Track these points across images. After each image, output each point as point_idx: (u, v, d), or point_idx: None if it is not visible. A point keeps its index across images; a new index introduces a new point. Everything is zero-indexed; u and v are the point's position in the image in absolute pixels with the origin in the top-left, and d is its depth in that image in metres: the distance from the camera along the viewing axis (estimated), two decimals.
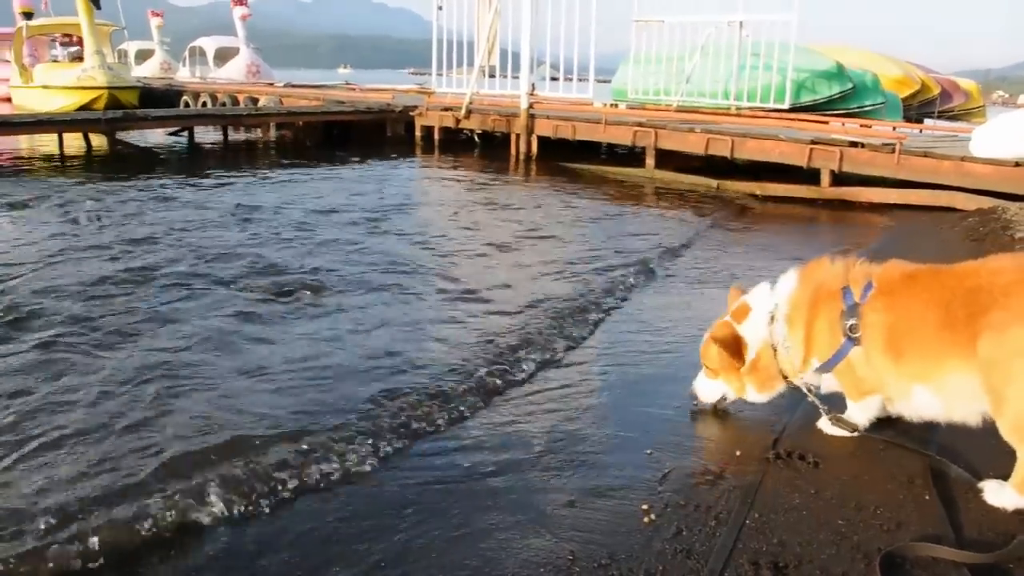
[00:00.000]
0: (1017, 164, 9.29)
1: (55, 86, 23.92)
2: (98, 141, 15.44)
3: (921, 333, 2.86)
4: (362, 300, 5.74)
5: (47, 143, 15.82)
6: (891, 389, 3.03)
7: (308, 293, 5.81)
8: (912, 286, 2.93)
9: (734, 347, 3.31)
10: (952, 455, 3.06)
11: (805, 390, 3.29)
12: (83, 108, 21.85)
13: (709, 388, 3.54)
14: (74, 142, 15.65)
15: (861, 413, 3.23)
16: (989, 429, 2.77)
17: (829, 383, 3.28)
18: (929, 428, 3.18)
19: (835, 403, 3.33)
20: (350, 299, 5.75)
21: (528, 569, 2.55)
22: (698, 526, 2.71)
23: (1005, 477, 2.76)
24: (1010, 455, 2.70)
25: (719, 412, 3.65)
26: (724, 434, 3.55)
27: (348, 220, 8.85)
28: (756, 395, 3.39)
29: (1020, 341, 2.57)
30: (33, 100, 24.81)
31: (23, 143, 16.25)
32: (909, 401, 2.99)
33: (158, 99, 25.74)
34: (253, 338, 4.81)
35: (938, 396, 2.87)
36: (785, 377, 3.32)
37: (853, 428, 3.24)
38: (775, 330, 3.25)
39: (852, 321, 3.00)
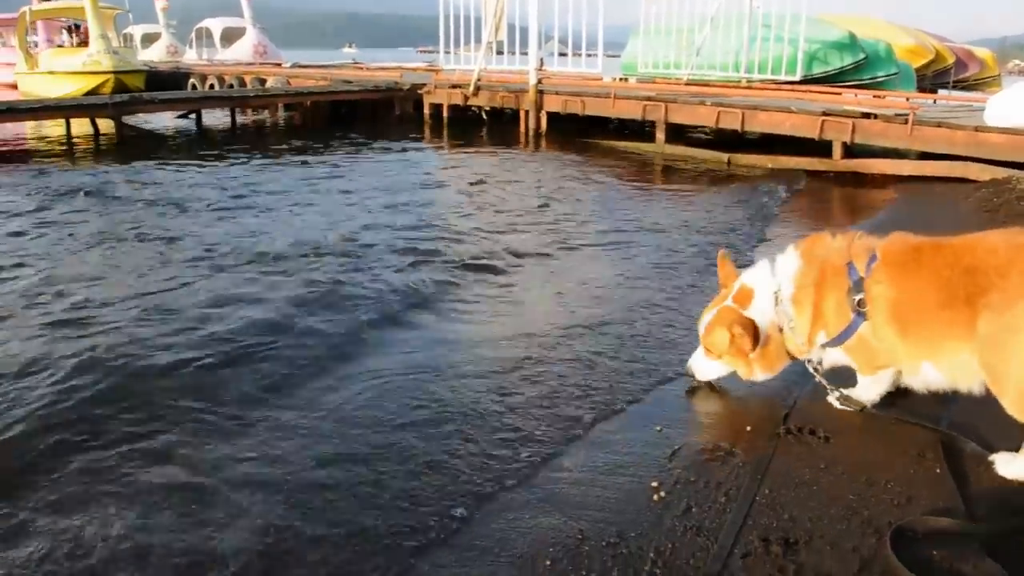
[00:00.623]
0: None
1: (61, 71, 23.92)
2: (105, 126, 15.42)
3: (924, 311, 2.86)
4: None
5: (54, 129, 15.88)
6: (900, 360, 3.03)
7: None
8: (914, 261, 2.91)
9: (753, 334, 3.21)
10: (963, 428, 3.04)
11: (811, 369, 3.29)
12: (90, 93, 21.83)
13: (707, 368, 3.51)
14: (81, 128, 15.65)
15: (873, 387, 3.21)
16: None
17: (833, 358, 3.26)
18: (940, 402, 3.16)
19: (840, 378, 3.31)
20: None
21: (538, 547, 2.53)
22: (708, 503, 2.70)
23: (1017, 449, 2.74)
24: (1020, 427, 2.68)
25: (718, 388, 3.62)
26: (734, 410, 3.52)
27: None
28: (761, 375, 3.36)
29: (1016, 323, 2.57)
30: (39, 86, 24.82)
31: (28, 129, 16.27)
32: (918, 375, 3.00)
33: (165, 82, 25.70)
34: None
35: (943, 372, 2.89)
36: (791, 356, 3.32)
37: (861, 406, 3.22)
38: (781, 311, 3.20)
39: (860, 296, 2.97)
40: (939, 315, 2.80)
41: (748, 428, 3.25)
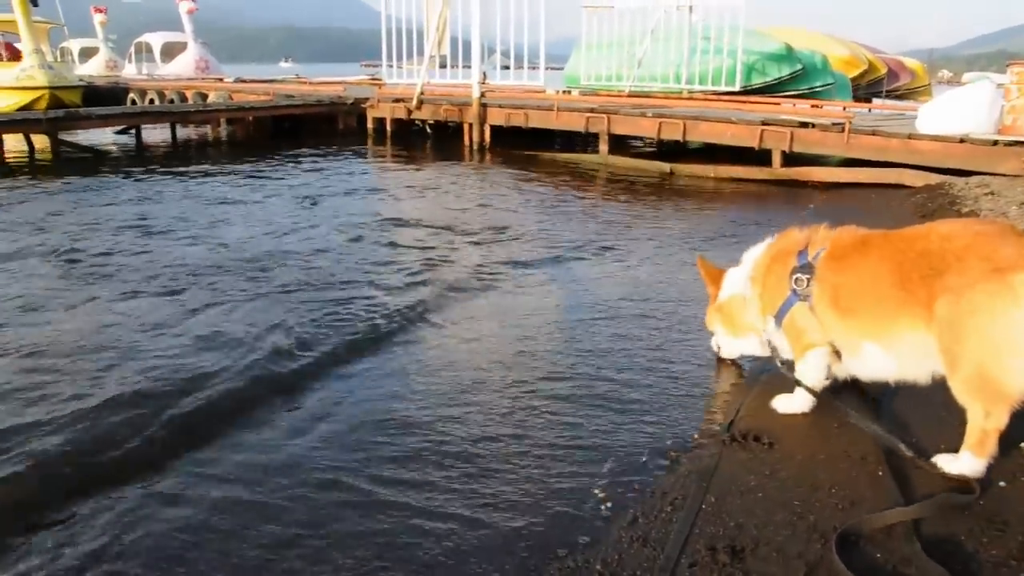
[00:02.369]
0: (962, 140, 9.44)
1: None
2: (41, 143, 15.04)
3: (871, 292, 2.94)
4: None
5: None
6: (841, 344, 3.12)
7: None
8: (863, 247, 3.02)
9: (714, 275, 3.77)
10: (902, 431, 3.08)
11: (768, 349, 3.45)
12: (23, 108, 21.29)
13: (721, 343, 3.89)
14: (15, 145, 15.25)
15: (807, 369, 3.26)
16: (933, 403, 2.79)
17: (777, 340, 3.39)
18: (877, 406, 3.20)
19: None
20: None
21: (482, 560, 2.50)
22: (654, 512, 2.69)
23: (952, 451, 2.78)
24: (954, 429, 2.72)
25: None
26: (679, 417, 3.53)
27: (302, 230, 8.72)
28: (729, 341, 3.79)
29: (975, 303, 2.62)
30: None
31: None
32: (859, 358, 3.07)
33: (104, 97, 25.12)
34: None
35: (889, 353, 2.94)
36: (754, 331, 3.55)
37: (810, 391, 3.29)
38: (744, 286, 3.50)
39: (799, 276, 3.14)
40: (889, 295, 2.87)
41: (693, 436, 3.26)
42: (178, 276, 6.10)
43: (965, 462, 2.74)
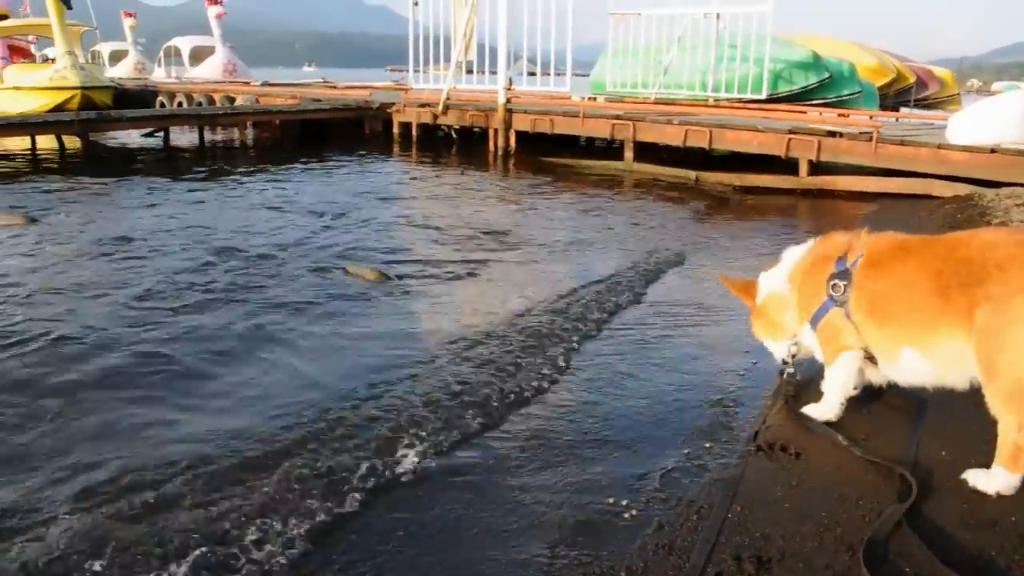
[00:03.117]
0: (992, 151, 9.35)
1: (27, 87, 23.61)
2: (72, 143, 15.24)
3: (910, 298, 2.90)
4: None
5: (18, 145, 15.67)
6: (878, 351, 3.07)
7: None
8: (902, 254, 2.98)
9: (748, 291, 3.59)
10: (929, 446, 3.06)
11: (790, 355, 3.46)
12: (56, 109, 21.58)
13: (770, 347, 3.65)
14: (47, 144, 15.46)
15: (837, 373, 3.22)
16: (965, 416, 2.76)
17: (807, 342, 3.38)
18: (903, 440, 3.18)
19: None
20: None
21: (508, 568, 2.51)
22: (680, 521, 2.68)
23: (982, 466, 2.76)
24: (986, 443, 2.69)
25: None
26: (705, 427, 3.52)
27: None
28: (768, 341, 3.58)
29: (1016, 314, 2.58)
30: (3, 102, 24.48)
31: None
32: (897, 365, 3.02)
33: (132, 99, 25.42)
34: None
35: (928, 360, 2.90)
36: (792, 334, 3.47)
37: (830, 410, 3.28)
38: (784, 286, 3.42)
39: (837, 282, 3.09)
40: (927, 302, 2.83)
41: (719, 445, 3.25)
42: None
43: (999, 478, 2.70)
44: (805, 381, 3.50)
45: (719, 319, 5.21)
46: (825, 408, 3.29)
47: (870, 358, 3.13)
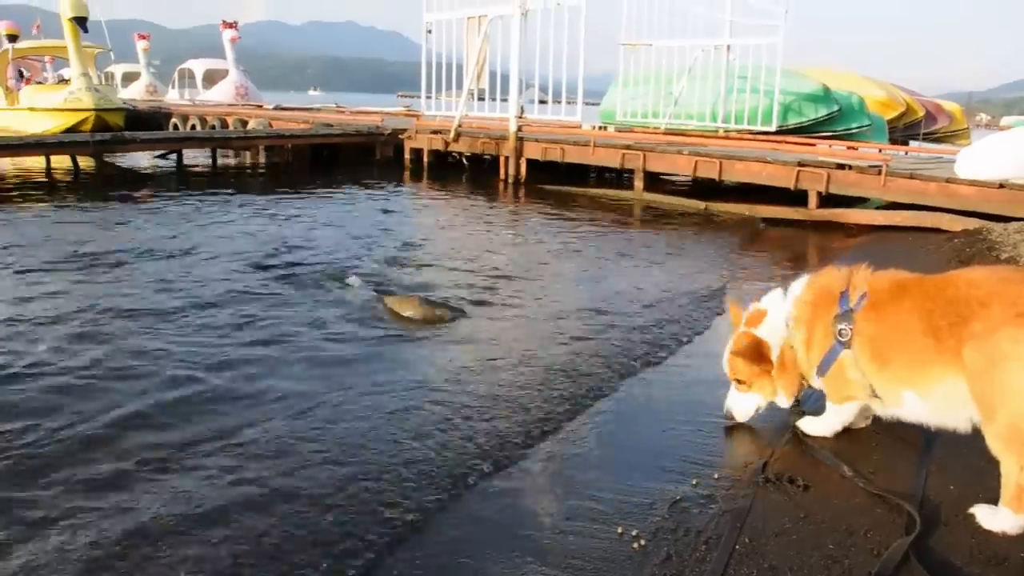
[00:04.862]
0: (1001, 185, 9.38)
1: (41, 108, 23.87)
2: (86, 163, 15.40)
3: (905, 340, 2.94)
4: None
5: (33, 165, 15.84)
6: (882, 394, 3.10)
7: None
8: (898, 295, 3.01)
9: (756, 352, 3.39)
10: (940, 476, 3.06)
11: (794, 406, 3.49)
12: (70, 130, 21.81)
13: (743, 403, 3.58)
14: (61, 164, 15.62)
15: (836, 417, 3.34)
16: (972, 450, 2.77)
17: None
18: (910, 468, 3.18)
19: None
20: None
21: None
22: (688, 551, 2.70)
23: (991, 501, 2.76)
24: (995, 477, 2.70)
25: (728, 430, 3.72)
26: (713, 458, 3.53)
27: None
28: (785, 399, 3.47)
29: (1000, 350, 2.61)
30: (19, 122, 24.74)
31: (8, 166, 16.19)
32: (901, 406, 3.06)
33: (146, 121, 25.69)
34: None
35: (926, 402, 2.93)
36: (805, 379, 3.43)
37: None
38: (791, 330, 3.34)
39: (843, 326, 3.10)
40: (920, 343, 2.87)
41: (728, 476, 3.26)
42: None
43: (1005, 519, 2.70)
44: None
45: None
46: (823, 427, 3.42)
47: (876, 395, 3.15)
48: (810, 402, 3.61)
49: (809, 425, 3.46)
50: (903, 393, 2.99)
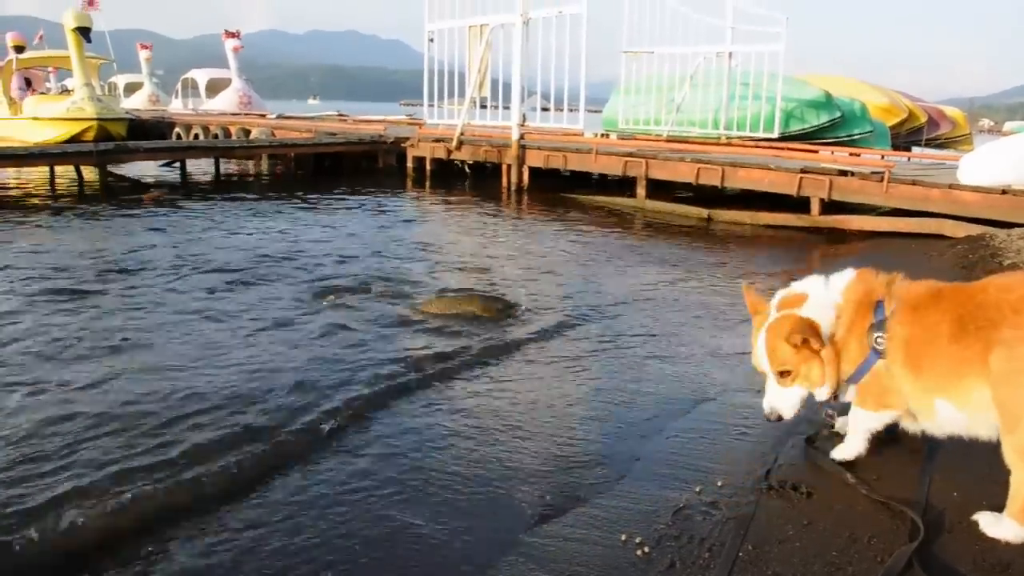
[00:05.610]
0: (1004, 191, 9.38)
1: (44, 118, 24.00)
2: (89, 174, 15.43)
3: (936, 346, 2.82)
4: None
5: (36, 176, 15.90)
6: (914, 404, 2.97)
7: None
8: (932, 302, 2.91)
9: (811, 330, 2.98)
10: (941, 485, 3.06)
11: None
12: (72, 139, 21.91)
13: (788, 397, 3.13)
14: (64, 173, 15.66)
15: (866, 423, 3.15)
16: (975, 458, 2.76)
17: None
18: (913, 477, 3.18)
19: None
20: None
21: None
22: (692, 559, 2.70)
23: (995, 508, 2.75)
24: (997, 483, 2.70)
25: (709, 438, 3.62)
26: (717, 465, 3.53)
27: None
28: (831, 386, 3.08)
29: None
30: (22, 132, 24.86)
31: (9, 175, 16.24)
32: (933, 416, 2.91)
33: (149, 131, 25.79)
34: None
35: (961, 410, 2.80)
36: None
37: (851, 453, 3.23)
38: (836, 320, 3.06)
39: (878, 335, 2.95)
40: (950, 349, 2.77)
41: (731, 483, 3.26)
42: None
43: (1008, 528, 2.68)
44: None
45: (737, 362, 5.23)
46: (852, 446, 3.24)
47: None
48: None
49: (840, 452, 3.27)
50: (935, 401, 2.87)
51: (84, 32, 22.75)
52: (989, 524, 2.73)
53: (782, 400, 3.13)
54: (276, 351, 5.18)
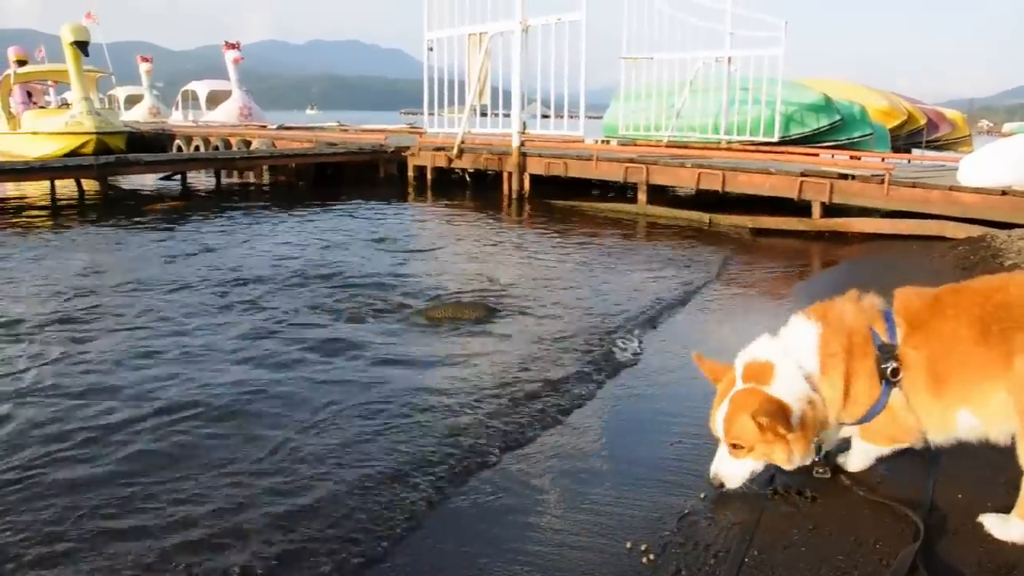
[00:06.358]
0: (1004, 192, 9.38)
1: (43, 132, 24.04)
2: (89, 186, 15.49)
3: (959, 354, 2.69)
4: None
5: (36, 190, 15.95)
6: (933, 423, 2.81)
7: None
8: (938, 309, 2.77)
9: (782, 416, 2.78)
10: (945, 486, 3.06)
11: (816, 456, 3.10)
12: (71, 153, 21.95)
13: (737, 468, 3.00)
14: (64, 189, 15.70)
15: (875, 453, 3.07)
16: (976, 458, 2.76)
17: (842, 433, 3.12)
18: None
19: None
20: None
21: None
22: (697, 565, 2.69)
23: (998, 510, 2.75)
24: (1002, 485, 2.69)
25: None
26: None
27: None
28: (800, 460, 2.93)
29: None
30: (20, 146, 24.91)
31: (10, 190, 16.28)
32: (954, 430, 2.78)
33: (149, 144, 25.83)
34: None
35: (980, 416, 2.69)
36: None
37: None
38: (815, 383, 2.87)
39: (891, 365, 2.76)
40: (974, 353, 2.64)
41: (736, 489, 3.25)
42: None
43: (1015, 529, 2.67)
44: None
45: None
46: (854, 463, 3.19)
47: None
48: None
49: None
50: (958, 413, 2.72)
51: (82, 46, 22.79)
52: (995, 525, 2.73)
53: (730, 470, 3.02)
54: (276, 372, 5.20)
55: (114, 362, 5.15)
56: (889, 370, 2.76)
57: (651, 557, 2.77)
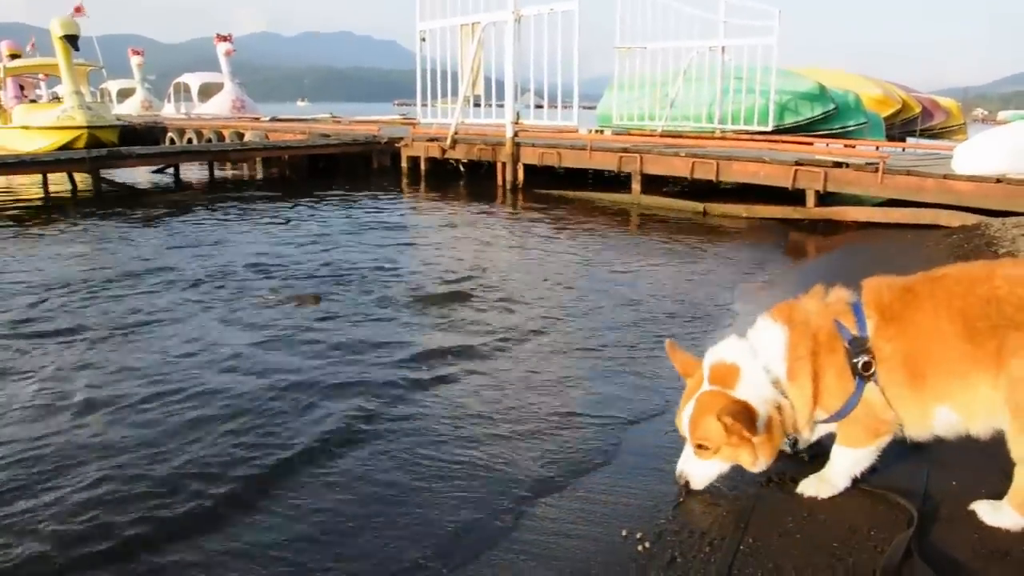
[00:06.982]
0: (999, 180, 9.38)
1: (34, 126, 23.91)
2: (82, 180, 15.42)
3: (940, 350, 2.60)
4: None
5: (28, 184, 15.89)
6: (911, 417, 2.74)
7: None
8: (913, 300, 2.68)
9: (747, 419, 2.71)
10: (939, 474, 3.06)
11: (790, 449, 3.04)
12: (63, 148, 21.84)
13: (703, 470, 2.94)
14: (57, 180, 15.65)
15: (854, 464, 2.92)
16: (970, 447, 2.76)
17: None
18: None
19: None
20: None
21: None
22: (692, 553, 2.69)
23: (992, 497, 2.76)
24: (995, 473, 2.69)
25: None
26: None
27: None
28: (765, 463, 2.85)
29: None
30: (11, 141, 24.78)
31: (2, 185, 16.21)
32: (929, 426, 2.73)
33: (141, 137, 25.74)
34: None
35: (961, 414, 2.64)
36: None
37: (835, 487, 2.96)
38: (782, 388, 2.79)
39: (863, 359, 2.68)
40: (957, 350, 2.56)
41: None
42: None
43: (1006, 516, 2.66)
44: None
45: None
46: (828, 488, 2.97)
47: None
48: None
49: (813, 487, 2.98)
50: (936, 410, 2.67)
51: (72, 40, 22.63)
52: (987, 512, 2.73)
53: (696, 469, 2.95)
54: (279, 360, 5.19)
55: (111, 356, 5.15)
56: (860, 364, 2.68)
57: (646, 545, 2.77)
